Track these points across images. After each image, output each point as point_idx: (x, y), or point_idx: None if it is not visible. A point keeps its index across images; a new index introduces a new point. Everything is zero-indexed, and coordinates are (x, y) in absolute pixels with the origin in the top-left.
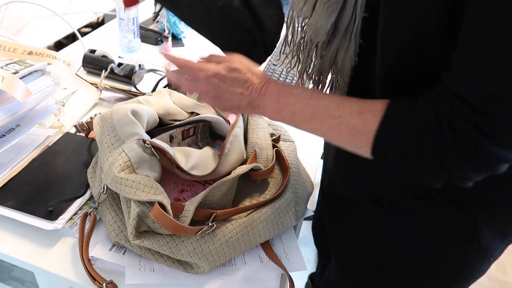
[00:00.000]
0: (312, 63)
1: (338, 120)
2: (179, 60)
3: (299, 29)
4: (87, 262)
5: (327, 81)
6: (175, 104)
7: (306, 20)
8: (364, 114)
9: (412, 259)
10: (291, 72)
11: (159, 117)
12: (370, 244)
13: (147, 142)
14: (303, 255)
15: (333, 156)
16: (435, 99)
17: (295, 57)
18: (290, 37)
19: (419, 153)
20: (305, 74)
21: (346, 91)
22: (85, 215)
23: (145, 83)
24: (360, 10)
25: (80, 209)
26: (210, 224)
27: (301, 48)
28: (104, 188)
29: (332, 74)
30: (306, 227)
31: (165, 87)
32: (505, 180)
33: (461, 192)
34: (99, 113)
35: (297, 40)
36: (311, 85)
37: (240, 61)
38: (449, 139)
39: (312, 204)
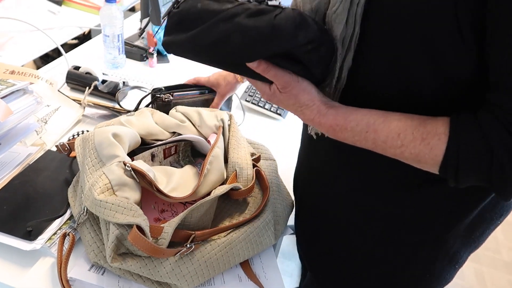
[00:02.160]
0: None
1: (400, 149)
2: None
3: None
4: (65, 283)
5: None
6: (157, 124)
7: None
8: (427, 140)
9: (382, 267)
10: None
11: (141, 137)
12: (343, 251)
13: (127, 164)
14: (288, 269)
15: (304, 166)
16: (500, 119)
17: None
18: None
19: (493, 171)
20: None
21: (341, 93)
22: (64, 236)
23: (129, 100)
24: (358, 19)
25: (59, 228)
26: (188, 245)
27: None
28: (84, 209)
29: (333, 79)
30: (290, 241)
31: (147, 105)
32: (469, 189)
33: (427, 200)
34: (81, 133)
35: None
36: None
37: (291, 88)
38: None
39: (293, 220)
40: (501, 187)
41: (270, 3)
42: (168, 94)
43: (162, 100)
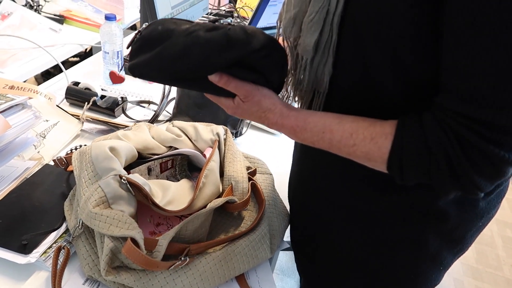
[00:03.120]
0: (303, 79)
1: (353, 148)
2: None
3: (292, 49)
4: None
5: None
6: (154, 138)
7: (296, 40)
8: (376, 139)
9: (370, 269)
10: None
11: (138, 152)
12: (328, 254)
13: (123, 177)
14: (287, 286)
15: (296, 168)
16: (440, 120)
17: (290, 76)
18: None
19: (432, 169)
20: (297, 90)
21: (324, 100)
22: (59, 249)
23: (129, 113)
24: (335, 28)
25: (55, 242)
26: (183, 258)
27: (297, 65)
28: (79, 222)
29: (312, 86)
30: (289, 258)
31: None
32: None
33: (407, 200)
34: (79, 147)
35: (294, 59)
36: (297, 100)
37: (252, 96)
38: (459, 153)
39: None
40: (439, 183)
41: (222, 21)
42: None
43: None
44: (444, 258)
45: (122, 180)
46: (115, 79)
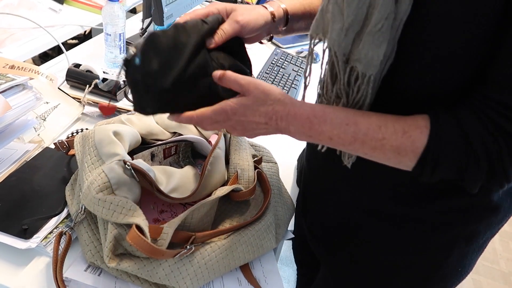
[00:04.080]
0: (362, 97)
1: (381, 142)
2: (189, 120)
3: (343, 65)
4: (61, 283)
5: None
6: (158, 123)
7: (346, 55)
8: (409, 132)
9: (416, 269)
10: None
11: (141, 137)
12: (373, 258)
13: (127, 163)
14: (284, 274)
15: (323, 165)
16: (478, 110)
17: (343, 97)
18: (329, 77)
19: (469, 165)
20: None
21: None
22: (60, 235)
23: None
24: (398, 36)
25: (56, 227)
26: (188, 247)
27: (350, 84)
28: (82, 208)
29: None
30: (287, 247)
31: None
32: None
33: (468, 201)
34: (80, 131)
35: (345, 77)
36: None
37: (255, 87)
38: (500, 143)
39: (293, 225)
40: (472, 179)
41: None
42: None
43: None
44: (486, 245)
45: (126, 165)
46: (107, 111)
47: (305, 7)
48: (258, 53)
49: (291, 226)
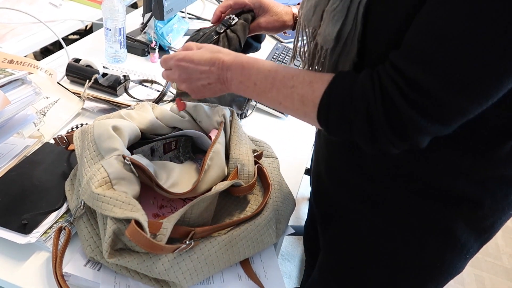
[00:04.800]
0: (322, 69)
1: (291, 90)
2: (163, 58)
3: (311, 38)
4: (60, 278)
5: None
6: (158, 118)
7: (316, 30)
8: (313, 83)
9: (396, 256)
10: None
11: (141, 132)
12: (357, 244)
13: (126, 158)
14: (286, 270)
15: (324, 161)
16: (376, 70)
17: (306, 65)
18: (301, 47)
19: (353, 115)
20: None
21: None
22: (60, 230)
23: (131, 93)
24: (360, 17)
25: (55, 222)
26: (188, 242)
27: (315, 56)
28: (81, 203)
29: None
30: (289, 243)
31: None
32: (482, 179)
33: (439, 188)
34: (80, 126)
35: (311, 49)
36: None
37: (210, 46)
38: (378, 102)
39: (294, 220)
40: (359, 136)
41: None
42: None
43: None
44: (471, 246)
45: (125, 160)
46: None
47: None
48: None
49: (292, 222)
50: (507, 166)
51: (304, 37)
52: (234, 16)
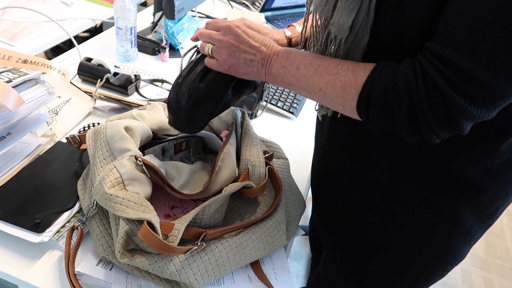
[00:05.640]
0: (336, 57)
1: (334, 76)
2: (213, 20)
3: (322, 28)
4: (73, 277)
5: None
6: None
7: (328, 20)
8: (357, 71)
9: (403, 246)
10: None
11: (152, 132)
12: (363, 235)
13: (139, 159)
14: (294, 270)
15: (326, 145)
16: (416, 58)
17: (317, 52)
18: (313, 37)
19: (396, 103)
20: None
21: None
22: (72, 229)
23: (142, 92)
24: (373, 6)
25: (68, 221)
26: (199, 243)
27: (327, 45)
28: (93, 203)
29: None
30: (296, 242)
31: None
32: (488, 166)
33: (444, 176)
34: (92, 125)
35: (323, 38)
36: None
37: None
38: (421, 89)
39: (302, 220)
40: (400, 124)
41: None
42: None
43: None
44: (476, 232)
45: (137, 161)
46: None
47: None
48: None
49: (301, 221)
50: None
51: (314, 27)
52: None
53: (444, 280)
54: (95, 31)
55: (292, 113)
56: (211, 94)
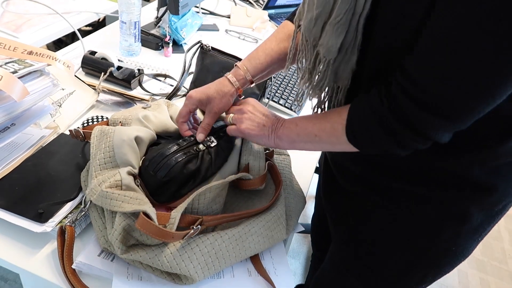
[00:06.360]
0: (323, 78)
1: (324, 120)
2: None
3: (312, 48)
4: (70, 275)
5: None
6: (172, 118)
7: (316, 40)
8: (341, 111)
9: (413, 244)
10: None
11: (157, 134)
12: (373, 234)
13: (137, 180)
14: (292, 267)
15: (335, 154)
16: (384, 83)
17: (306, 73)
18: (302, 52)
19: (375, 134)
20: (316, 87)
21: (346, 94)
22: (61, 230)
23: (145, 86)
24: (360, 28)
25: (71, 212)
26: (195, 227)
27: (315, 65)
28: (87, 203)
29: (333, 83)
30: (295, 240)
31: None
32: (495, 165)
33: (453, 177)
34: (95, 118)
35: (312, 57)
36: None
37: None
38: (384, 102)
39: (302, 218)
40: (385, 146)
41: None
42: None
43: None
44: (484, 229)
45: (136, 181)
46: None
47: (268, 59)
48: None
49: (301, 220)
50: None
51: (303, 43)
52: (213, 138)
53: (440, 281)
54: (97, 25)
55: (294, 110)
56: (186, 180)
